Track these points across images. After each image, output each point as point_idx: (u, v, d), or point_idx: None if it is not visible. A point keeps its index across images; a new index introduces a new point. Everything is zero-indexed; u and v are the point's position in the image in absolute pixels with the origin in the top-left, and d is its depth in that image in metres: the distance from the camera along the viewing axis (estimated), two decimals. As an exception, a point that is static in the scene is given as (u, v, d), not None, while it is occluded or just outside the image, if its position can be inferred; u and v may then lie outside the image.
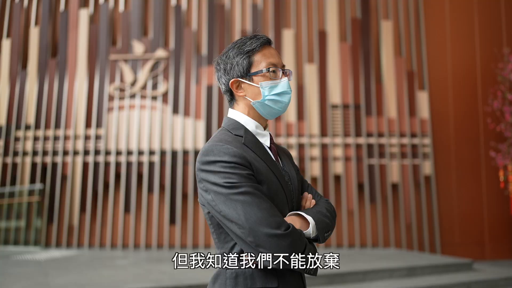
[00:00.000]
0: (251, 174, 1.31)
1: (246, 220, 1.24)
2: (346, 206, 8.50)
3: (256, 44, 1.46)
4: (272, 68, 1.44)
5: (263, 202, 1.27)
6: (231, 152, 1.32)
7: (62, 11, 9.51)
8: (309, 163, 8.60)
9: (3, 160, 9.13)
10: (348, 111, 8.79)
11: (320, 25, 9.16)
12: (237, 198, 1.26)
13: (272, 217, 1.25)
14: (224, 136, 1.40)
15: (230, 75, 1.47)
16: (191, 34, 9.09)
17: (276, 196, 1.37)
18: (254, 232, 1.24)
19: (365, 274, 5.77)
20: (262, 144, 1.45)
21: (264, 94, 1.43)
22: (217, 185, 1.29)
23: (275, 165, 1.42)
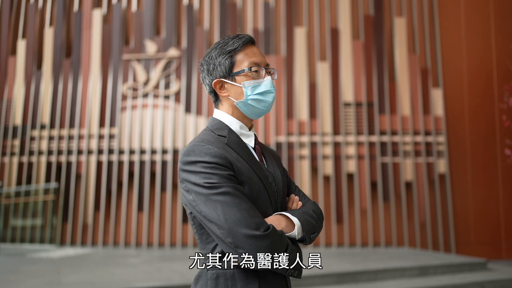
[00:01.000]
0: (231, 174, 1.30)
1: (225, 220, 1.23)
2: (359, 204, 8.45)
3: (238, 43, 1.45)
4: (254, 68, 1.43)
5: (243, 202, 1.25)
6: (212, 152, 1.31)
7: (76, 12, 9.61)
8: (322, 162, 8.56)
9: (19, 159, 9.27)
10: (361, 109, 8.72)
11: (332, 23, 9.10)
12: (217, 199, 1.25)
13: (252, 218, 1.23)
14: (206, 136, 1.39)
15: (213, 75, 1.46)
16: (203, 33, 9.11)
17: (259, 196, 1.35)
18: (233, 233, 1.23)
19: (376, 273, 5.72)
20: (246, 145, 1.44)
21: (247, 94, 1.42)
22: (197, 185, 1.29)
23: (258, 165, 1.41)
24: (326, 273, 5.53)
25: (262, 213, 1.35)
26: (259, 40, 8.98)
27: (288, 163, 8.57)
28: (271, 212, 1.39)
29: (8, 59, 9.82)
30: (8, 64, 9.78)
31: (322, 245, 8.33)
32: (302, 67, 8.84)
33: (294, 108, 8.71)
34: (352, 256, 7.23)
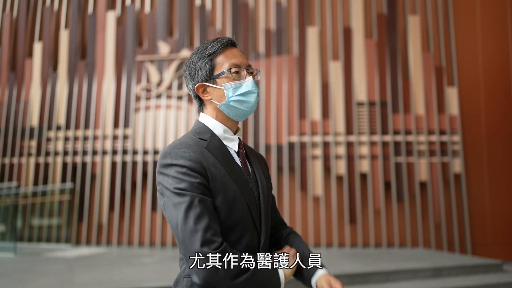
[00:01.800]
0: (201, 183, 1.29)
1: (182, 231, 1.24)
2: (372, 205, 8.38)
3: (217, 46, 1.45)
4: (234, 69, 1.42)
5: (202, 216, 1.24)
6: (187, 156, 1.31)
7: (91, 14, 9.72)
8: (335, 162, 8.51)
9: (36, 160, 9.42)
10: (374, 109, 8.65)
11: (345, 22, 9.04)
12: (180, 207, 1.26)
13: (206, 233, 1.22)
14: (186, 139, 1.39)
15: (195, 80, 1.46)
16: (215, 34, 9.13)
17: (234, 203, 1.34)
18: (185, 245, 1.23)
19: (388, 274, 5.67)
20: (228, 149, 1.43)
21: (228, 96, 1.41)
22: (168, 189, 1.29)
23: (238, 171, 1.40)
24: (337, 274, 5.49)
25: (239, 220, 1.34)
26: (272, 40, 8.97)
27: (300, 163, 8.55)
28: (249, 218, 1.37)
29: (25, 62, 9.98)
30: (25, 66, 9.94)
31: (335, 246, 8.29)
32: (314, 67, 8.80)
33: (307, 108, 8.68)
34: (365, 256, 7.17)
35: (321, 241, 8.35)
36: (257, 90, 1.44)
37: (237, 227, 1.35)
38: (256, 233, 1.40)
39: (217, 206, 1.32)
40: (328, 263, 6.38)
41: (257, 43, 9.17)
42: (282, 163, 8.60)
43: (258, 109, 8.79)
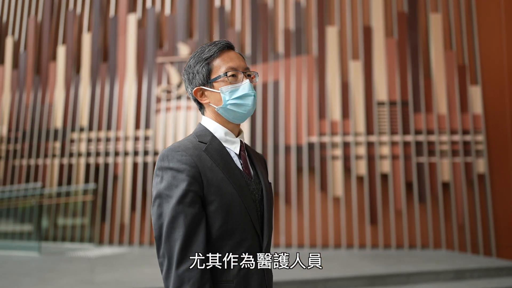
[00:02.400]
0: (193, 190, 1.30)
1: (165, 236, 1.28)
2: (393, 205, 8.28)
3: (214, 50, 1.45)
4: (230, 72, 1.42)
5: (186, 228, 1.26)
6: (183, 160, 1.32)
7: (112, 17, 9.86)
8: (355, 162, 8.44)
9: (60, 161, 9.60)
10: (395, 108, 8.55)
11: (365, 21, 8.96)
12: (167, 212, 1.28)
13: (183, 249, 1.25)
14: (185, 142, 1.40)
15: (193, 84, 1.47)
16: (234, 34, 9.16)
17: (232, 207, 1.34)
18: (164, 250, 1.27)
19: (408, 276, 5.60)
20: (228, 152, 1.42)
21: (225, 99, 1.42)
22: (160, 193, 1.31)
23: (237, 174, 1.39)
24: (356, 276, 5.45)
25: (237, 224, 1.34)
26: (291, 40, 8.95)
27: (320, 164, 8.50)
28: (248, 222, 1.37)
29: (49, 65, 10.19)
30: (49, 69, 10.15)
31: (356, 247, 8.22)
32: (334, 67, 8.74)
33: (327, 108, 8.63)
34: (386, 258, 7.10)
35: (342, 242, 8.29)
36: (254, 93, 1.44)
37: (237, 231, 1.35)
38: (256, 236, 1.40)
39: (214, 211, 1.32)
40: (348, 265, 6.35)
41: (276, 43, 9.16)
42: (302, 164, 8.57)
43: (277, 110, 8.79)
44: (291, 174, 8.57)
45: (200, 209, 1.30)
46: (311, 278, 5.31)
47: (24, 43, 10.82)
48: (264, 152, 8.69)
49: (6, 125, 10.51)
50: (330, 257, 7.35)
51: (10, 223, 9.58)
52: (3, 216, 9.69)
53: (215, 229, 1.32)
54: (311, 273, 5.63)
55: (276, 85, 8.89)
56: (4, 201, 9.64)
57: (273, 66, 8.94)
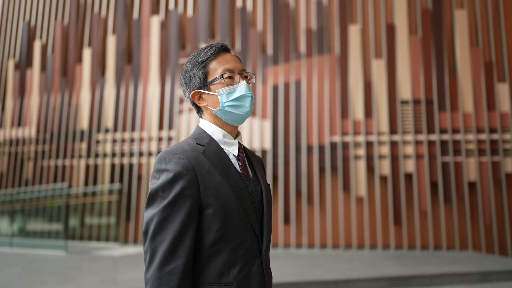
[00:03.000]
0: (188, 194, 1.31)
1: (152, 237, 1.28)
2: (418, 205, 8.15)
3: (210, 53, 1.45)
4: (227, 74, 1.42)
5: (174, 231, 1.27)
6: (180, 162, 1.33)
7: (136, 19, 10.00)
8: (378, 162, 8.35)
9: (86, 161, 9.80)
10: (419, 107, 8.41)
11: (388, 19, 8.84)
12: (158, 213, 1.29)
13: (167, 252, 1.26)
14: (183, 145, 1.40)
15: (190, 88, 1.47)
16: (256, 35, 9.17)
17: (230, 209, 1.34)
18: (150, 252, 1.27)
19: (431, 278, 5.50)
20: (226, 154, 1.42)
21: (222, 101, 1.42)
22: (154, 195, 1.32)
23: (235, 176, 1.39)
24: (378, 277, 5.39)
25: (236, 226, 1.34)
26: (313, 39, 8.90)
27: (343, 163, 8.44)
28: (247, 224, 1.37)
29: (75, 67, 10.40)
30: (75, 71, 10.36)
31: (379, 247, 8.12)
32: (356, 65, 8.66)
33: (349, 107, 8.55)
34: (410, 259, 7.00)
35: (365, 243, 8.21)
36: (251, 94, 1.43)
37: (235, 233, 1.35)
38: (255, 238, 1.40)
39: (212, 214, 1.33)
40: (370, 265, 6.28)
41: (298, 43, 9.13)
42: (324, 164, 8.52)
43: (299, 110, 8.75)
44: (313, 174, 8.53)
45: (191, 213, 1.31)
46: (332, 278, 5.27)
47: (52, 46, 11.07)
48: (286, 152, 8.67)
49: (35, 126, 10.78)
50: (353, 257, 7.29)
51: (38, 222, 9.82)
52: (32, 215, 9.94)
53: (214, 232, 1.33)
54: (332, 274, 5.60)
55: (298, 85, 8.86)
56: (33, 201, 9.88)
57: (295, 66, 8.91)
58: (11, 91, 11.59)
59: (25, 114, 11.19)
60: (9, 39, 12.11)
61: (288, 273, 5.59)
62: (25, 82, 11.35)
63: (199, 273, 1.32)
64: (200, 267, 1.32)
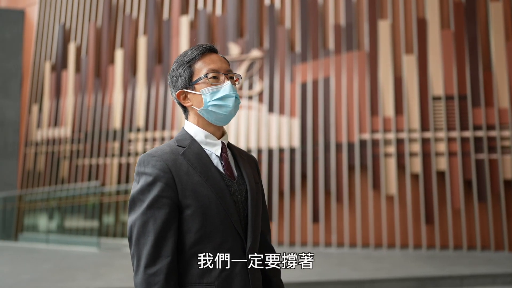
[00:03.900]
0: (166, 196, 1.33)
1: (136, 241, 1.30)
2: (451, 204, 7.93)
3: (196, 53, 1.46)
4: (212, 74, 1.43)
5: (155, 233, 1.29)
6: (157, 165, 1.34)
7: (166, 20, 10.13)
8: (409, 159, 8.17)
9: (119, 160, 10.01)
10: (452, 103, 8.18)
11: (419, 13, 8.63)
12: (138, 216, 1.31)
13: (150, 254, 1.27)
14: (164, 147, 1.42)
15: (176, 87, 1.48)
16: (284, 32, 9.13)
17: (209, 210, 1.35)
18: (136, 255, 1.29)
19: (462, 279, 5.35)
20: (207, 155, 1.43)
21: (206, 101, 1.42)
22: (135, 198, 1.34)
23: (215, 176, 1.39)
24: (405, 277, 5.29)
25: (216, 226, 1.35)
26: (341, 36, 8.79)
27: (373, 161, 8.31)
28: (229, 224, 1.37)
29: (107, 68, 10.64)
30: (108, 72, 10.60)
31: (411, 247, 7.96)
32: (386, 62, 8.50)
33: (379, 104, 8.41)
34: (442, 259, 6.83)
35: (396, 242, 8.05)
36: (235, 94, 1.43)
37: (216, 233, 1.35)
38: (238, 238, 1.39)
39: (191, 215, 1.34)
40: (398, 265, 6.17)
41: (326, 40, 9.04)
42: (354, 162, 8.41)
43: (328, 107, 8.67)
44: (342, 172, 8.44)
45: (170, 214, 1.33)
46: (357, 278, 5.21)
47: (86, 48, 11.36)
48: (314, 150, 8.61)
49: (70, 126, 11.10)
50: (383, 257, 7.18)
51: (73, 220, 10.11)
52: (67, 213, 10.23)
53: (194, 233, 1.34)
54: (358, 274, 5.53)
55: (327, 82, 8.77)
56: (68, 199, 10.18)
57: (323, 63, 8.83)
58: (48, 92, 11.97)
59: (61, 114, 11.54)
60: (46, 42, 12.49)
61: (312, 272, 5.55)
62: (61, 83, 11.70)
63: (182, 274, 1.34)
64: (182, 268, 1.34)
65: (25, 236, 10.49)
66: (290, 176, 8.68)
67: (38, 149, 11.85)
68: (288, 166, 8.68)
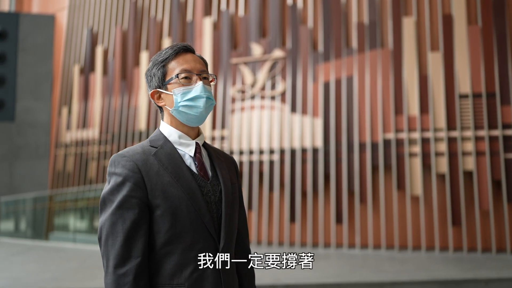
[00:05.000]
0: (135, 196, 1.32)
1: (105, 242, 1.31)
2: (478, 205, 7.69)
3: (170, 52, 1.46)
4: (183, 74, 1.42)
5: (124, 233, 1.29)
6: (127, 165, 1.35)
7: (189, 21, 10.21)
8: (435, 159, 7.97)
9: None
10: (479, 101, 7.94)
11: (445, 9, 8.41)
12: (108, 217, 1.32)
13: (119, 254, 1.28)
14: (136, 147, 1.43)
15: (151, 87, 1.49)
16: (307, 32, 9.06)
17: (179, 210, 1.34)
18: (105, 255, 1.30)
19: (487, 282, 5.18)
20: (180, 155, 1.42)
21: (177, 101, 1.42)
22: (105, 199, 1.36)
23: (187, 177, 1.39)
24: (427, 280, 5.17)
25: (186, 227, 1.34)
26: (365, 34, 8.66)
27: (397, 161, 8.14)
28: (200, 225, 1.36)
29: (133, 70, 10.81)
30: (133, 74, 10.76)
31: (437, 249, 7.76)
32: (411, 59, 8.32)
33: (403, 103, 8.24)
34: (469, 262, 6.64)
35: (422, 244, 7.87)
36: (206, 95, 1.42)
37: (186, 234, 1.34)
38: (211, 238, 1.38)
39: (160, 215, 1.34)
40: (422, 268, 6.04)
41: (349, 38, 8.92)
42: (378, 162, 8.27)
43: (351, 106, 8.55)
44: (366, 172, 8.31)
45: (140, 215, 1.32)
46: (377, 281, 5.12)
47: (113, 51, 11.57)
48: (338, 150, 8.51)
49: (98, 128, 11.33)
50: (407, 259, 7.03)
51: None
52: (95, 213, 10.43)
53: (163, 233, 1.34)
54: (379, 276, 5.43)
55: (350, 81, 8.65)
56: (96, 199, 10.37)
57: (346, 62, 8.72)
58: (77, 95, 12.25)
59: (89, 116, 11.79)
60: (75, 45, 12.79)
61: (331, 274, 5.49)
62: (89, 86, 11.96)
63: (153, 275, 1.35)
64: (153, 269, 1.35)
65: (55, 236, 10.75)
66: (313, 176, 8.60)
67: (68, 151, 12.14)
68: (311, 167, 8.61)
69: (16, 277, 5.71)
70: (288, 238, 8.58)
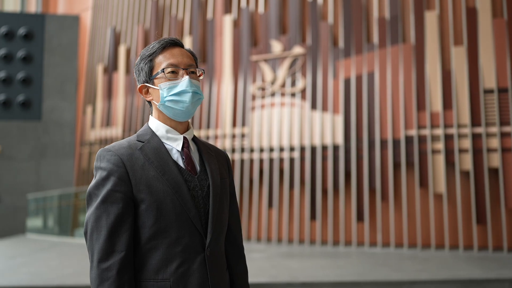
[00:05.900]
0: (119, 190, 1.33)
1: (90, 236, 1.32)
2: (504, 203, 7.49)
3: (157, 47, 1.46)
4: (169, 69, 1.42)
5: (108, 227, 1.30)
6: (112, 160, 1.35)
7: (210, 20, 10.24)
8: (459, 156, 7.79)
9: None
10: (505, 96, 7.72)
11: (468, 2, 8.20)
12: (93, 211, 1.33)
13: (103, 248, 1.29)
14: (122, 142, 1.44)
15: (139, 81, 1.50)
16: (327, 28, 8.97)
17: (164, 205, 1.34)
18: (90, 250, 1.31)
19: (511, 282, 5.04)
20: (166, 150, 1.42)
21: (163, 96, 1.42)
22: (91, 193, 1.37)
23: (173, 171, 1.38)
24: (448, 279, 5.06)
25: (172, 221, 1.34)
26: (386, 29, 8.52)
27: (419, 158, 7.99)
28: (186, 219, 1.36)
29: (155, 69, 10.89)
30: (155, 73, 10.85)
31: (461, 248, 7.59)
32: (434, 54, 8.15)
33: (426, 99, 8.08)
34: (494, 261, 6.48)
35: (445, 243, 7.71)
36: (192, 90, 1.41)
37: (171, 228, 1.34)
38: (197, 233, 1.37)
39: (145, 209, 1.34)
40: (444, 267, 5.92)
41: (370, 33, 8.79)
42: (400, 159, 8.13)
43: (372, 103, 8.43)
44: (388, 169, 8.18)
45: (124, 209, 1.33)
46: (396, 279, 5.03)
47: (135, 50, 11.70)
48: (358, 147, 8.40)
49: (121, 126, 11.48)
50: (429, 258, 6.91)
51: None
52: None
53: (148, 228, 1.34)
54: (398, 275, 5.34)
55: (371, 77, 8.53)
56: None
57: (367, 58, 8.60)
58: (101, 93, 12.44)
59: (112, 115, 11.95)
60: (99, 45, 12.99)
61: (350, 272, 5.43)
62: (112, 85, 12.12)
63: (137, 269, 1.35)
64: (138, 264, 1.35)
65: (80, 232, 10.94)
66: (333, 174, 8.53)
67: (92, 149, 12.35)
68: (331, 164, 8.53)
69: (36, 273, 5.84)
70: (308, 236, 8.53)
